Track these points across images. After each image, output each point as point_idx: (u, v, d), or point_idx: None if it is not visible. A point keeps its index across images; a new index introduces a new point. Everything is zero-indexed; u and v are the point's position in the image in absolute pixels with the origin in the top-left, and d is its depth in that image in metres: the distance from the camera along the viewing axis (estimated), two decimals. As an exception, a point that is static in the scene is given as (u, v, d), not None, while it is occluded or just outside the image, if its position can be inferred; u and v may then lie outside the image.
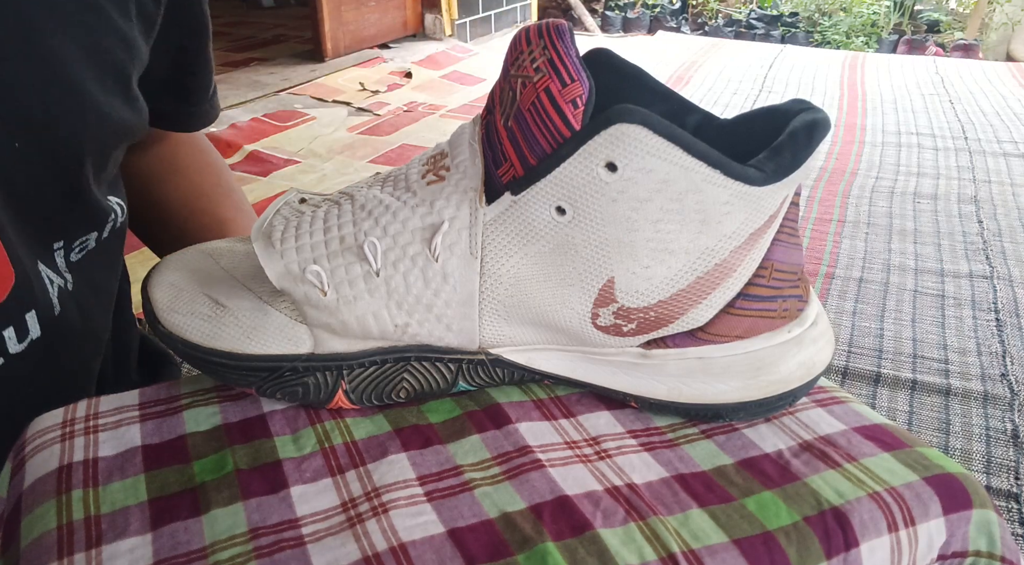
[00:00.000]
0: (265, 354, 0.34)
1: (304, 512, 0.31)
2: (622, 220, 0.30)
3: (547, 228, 0.31)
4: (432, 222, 0.32)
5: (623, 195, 0.29)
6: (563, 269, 0.32)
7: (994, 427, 1.07)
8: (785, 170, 0.29)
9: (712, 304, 0.32)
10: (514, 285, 0.32)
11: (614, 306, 0.32)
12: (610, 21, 4.49)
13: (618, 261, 0.31)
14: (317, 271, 0.33)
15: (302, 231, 0.34)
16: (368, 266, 0.33)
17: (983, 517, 0.33)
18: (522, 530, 0.30)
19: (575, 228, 0.30)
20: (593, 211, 0.30)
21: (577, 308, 0.32)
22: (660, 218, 0.30)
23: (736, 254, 0.31)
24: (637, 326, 0.32)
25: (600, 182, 0.29)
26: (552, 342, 0.35)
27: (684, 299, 0.32)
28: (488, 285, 0.33)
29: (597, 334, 0.33)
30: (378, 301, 0.33)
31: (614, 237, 0.30)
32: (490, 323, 0.34)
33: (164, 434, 0.35)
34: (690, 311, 0.32)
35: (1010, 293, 1.43)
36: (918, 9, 4.30)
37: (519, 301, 0.33)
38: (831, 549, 0.30)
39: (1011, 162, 2.18)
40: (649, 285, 0.31)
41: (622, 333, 0.33)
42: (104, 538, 0.29)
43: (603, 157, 0.29)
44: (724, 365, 0.33)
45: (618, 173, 0.29)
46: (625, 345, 0.34)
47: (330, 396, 0.35)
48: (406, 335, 0.34)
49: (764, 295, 0.32)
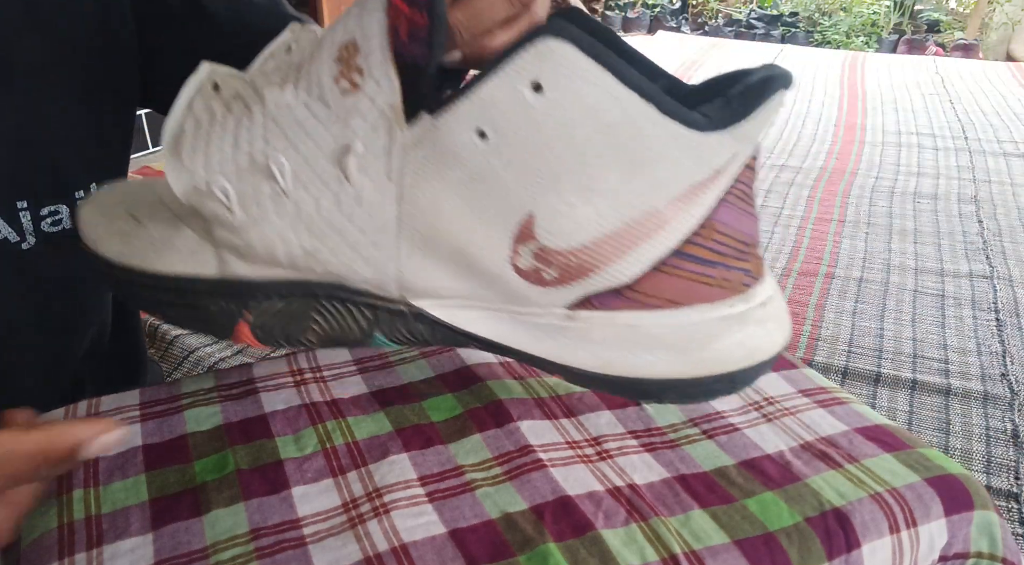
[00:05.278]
0: (170, 273, 0.32)
1: (305, 512, 0.31)
2: (545, 148, 0.27)
3: (468, 153, 0.28)
4: (346, 142, 0.30)
5: (548, 119, 0.27)
6: (484, 200, 0.29)
7: (994, 427, 1.07)
8: (732, 118, 0.27)
9: (641, 258, 0.29)
10: (433, 215, 0.30)
11: (534, 245, 0.29)
12: (610, 21, 4.49)
13: (540, 195, 0.28)
14: (225, 187, 0.31)
15: (212, 143, 0.31)
16: (277, 186, 0.31)
17: (984, 518, 0.33)
18: (523, 531, 0.30)
19: (496, 155, 0.28)
20: (516, 136, 0.27)
21: (497, 245, 0.30)
22: (587, 150, 0.27)
23: (672, 206, 0.28)
24: (559, 274, 0.29)
25: (524, 104, 0.27)
26: (477, 297, 0.32)
27: (609, 247, 0.29)
28: (406, 212, 0.30)
29: (518, 281, 0.30)
30: (286, 223, 0.31)
31: (536, 167, 0.28)
32: (409, 257, 0.31)
33: (165, 434, 0.35)
34: (616, 262, 0.29)
35: (1010, 293, 1.43)
36: (918, 9, 4.30)
37: (438, 233, 0.30)
38: (832, 550, 0.30)
39: (1011, 162, 2.18)
40: (572, 225, 0.28)
41: (544, 282, 0.30)
42: (105, 538, 0.29)
43: (529, 76, 0.26)
44: (655, 335, 0.30)
45: (544, 95, 0.26)
46: (550, 304, 0.31)
47: (232, 328, 0.33)
48: (317, 264, 0.31)
49: (702, 257, 0.29)
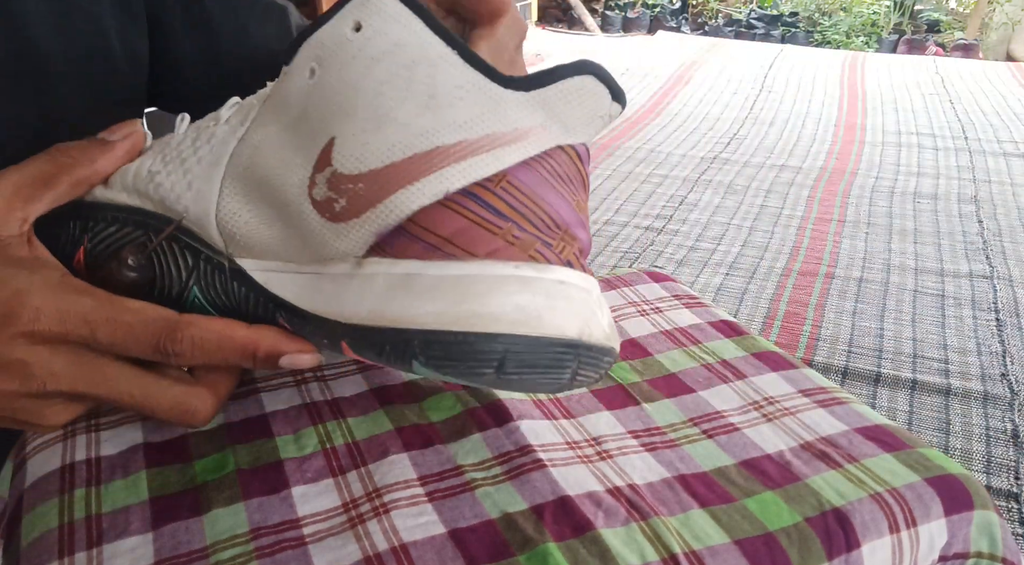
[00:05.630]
0: None
1: (305, 512, 0.31)
2: (353, 80, 0.30)
3: (299, 94, 0.32)
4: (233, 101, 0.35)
5: (360, 53, 0.30)
6: (298, 132, 0.32)
7: (994, 427, 1.07)
8: (532, 82, 0.30)
9: (425, 189, 0.29)
10: (256, 150, 0.32)
11: (329, 171, 0.30)
12: (610, 21, 4.49)
13: (340, 122, 0.30)
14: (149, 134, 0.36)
15: None
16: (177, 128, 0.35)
17: (984, 518, 0.33)
18: (523, 530, 0.30)
19: (316, 89, 0.31)
20: (333, 70, 0.31)
21: (299, 172, 0.31)
22: (386, 81, 0.30)
23: (463, 147, 0.29)
24: (348, 204, 0.30)
25: (344, 40, 0.31)
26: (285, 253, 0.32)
27: (395, 175, 0.29)
28: (238, 150, 0.33)
29: (314, 216, 0.31)
30: (150, 156, 0.34)
31: (343, 96, 0.30)
32: (229, 194, 0.33)
33: (165, 433, 0.35)
34: (400, 192, 0.29)
35: (1010, 293, 1.43)
36: (918, 9, 4.30)
37: (254, 165, 0.32)
38: (832, 550, 0.30)
39: (1011, 162, 2.18)
40: (364, 150, 0.30)
41: (335, 214, 0.30)
42: (105, 537, 0.29)
43: (353, 17, 0.30)
44: (431, 284, 0.29)
45: (361, 33, 0.30)
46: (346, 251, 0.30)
47: (73, 251, 0.34)
48: (154, 189, 0.33)
49: (489, 202, 0.29)
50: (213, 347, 0.30)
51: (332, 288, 0.31)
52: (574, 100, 0.30)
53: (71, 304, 0.29)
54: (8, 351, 0.29)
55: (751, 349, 0.43)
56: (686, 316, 0.46)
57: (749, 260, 1.54)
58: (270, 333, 0.31)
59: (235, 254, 0.33)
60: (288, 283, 0.32)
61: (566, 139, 0.31)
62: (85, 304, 0.29)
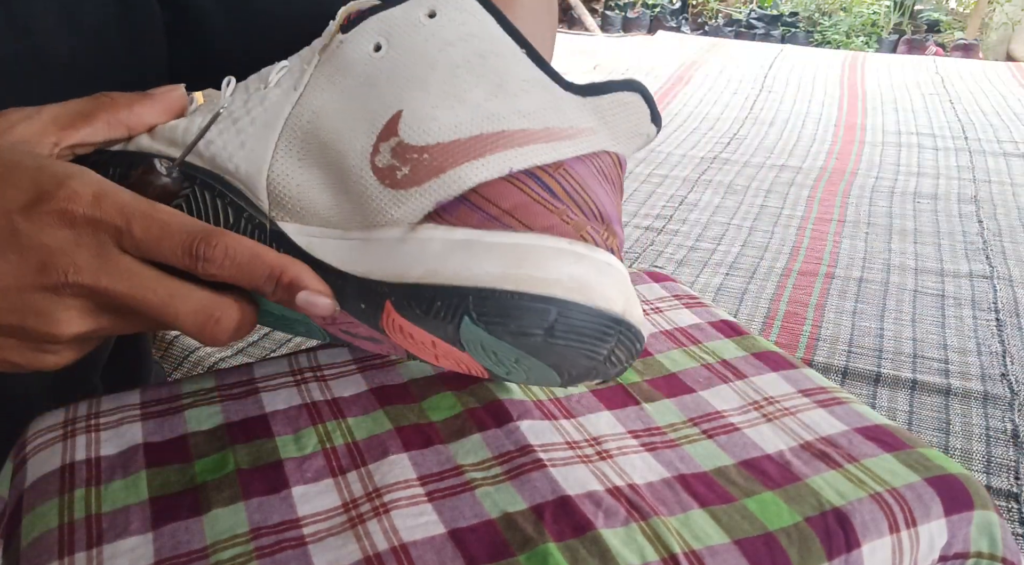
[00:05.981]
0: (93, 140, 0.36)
1: (305, 512, 0.31)
2: (425, 57, 0.33)
3: (361, 64, 0.33)
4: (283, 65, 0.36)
5: (434, 36, 0.33)
6: (363, 101, 0.33)
7: (994, 427, 1.07)
8: (588, 90, 0.33)
9: (489, 165, 0.31)
10: (316, 115, 0.33)
11: (394, 140, 0.32)
12: (610, 21, 4.48)
13: (410, 96, 0.32)
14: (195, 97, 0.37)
15: None
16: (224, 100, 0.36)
17: (984, 518, 0.33)
18: (523, 530, 0.30)
19: (384, 61, 0.33)
20: (403, 47, 0.33)
21: (362, 140, 0.33)
22: (460, 65, 0.32)
23: (526, 134, 0.31)
24: (411, 172, 0.31)
25: (418, 23, 0.33)
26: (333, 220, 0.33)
27: (461, 150, 0.31)
28: (295, 113, 0.34)
29: (371, 181, 0.32)
30: (200, 115, 0.35)
31: (414, 73, 0.32)
32: (284, 155, 0.33)
33: (165, 433, 0.35)
34: (465, 165, 0.31)
35: (1010, 293, 1.43)
36: (918, 9, 4.30)
37: (315, 129, 0.33)
38: (832, 549, 0.30)
39: (1011, 162, 2.18)
40: (432, 125, 0.32)
41: (396, 181, 0.31)
42: (105, 537, 0.29)
43: (428, 5, 0.33)
44: (489, 248, 0.30)
45: (435, 19, 0.33)
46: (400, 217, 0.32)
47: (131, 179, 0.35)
48: (205, 147, 0.34)
49: (548, 185, 0.31)
50: (244, 260, 0.30)
51: (381, 252, 0.32)
52: (621, 113, 0.33)
53: (110, 192, 0.29)
54: (35, 230, 0.27)
55: (751, 349, 0.43)
56: (686, 316, 0.46)
57: (749, 260, 1.54)
58: (299, 264, 0.31)
59: (277, 218, 0.33)
60: (332, 248, 0.33)
61: (612, 146, 0.33)
62: (124, 196, 0.29)
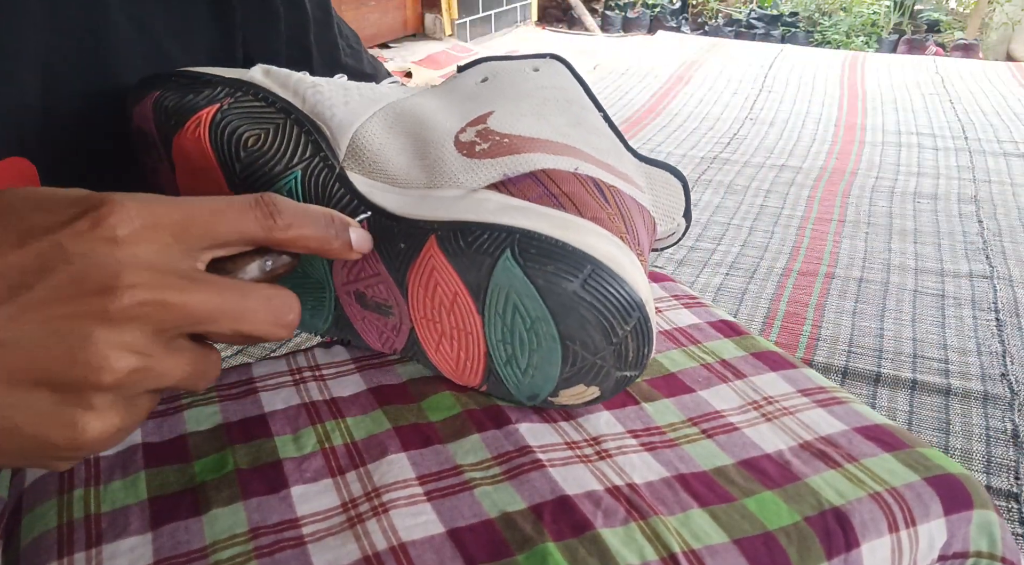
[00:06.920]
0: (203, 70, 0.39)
1: (304, 512, 0.31)
2: (522, 89, 0.40)
3: (468, 88, 0.41)
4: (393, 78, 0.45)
5: (532, 81, 0.41)
6: (461, 105, 0.39)
7: (994, 427, 1.07)
8: (644, 159, 0.40)
9: (560, 161, 0.35)
10: (418, 105, 0.39)
11: (481, 126, 0.37)
12: (610, 21, 4.48)
13: (502, 104, 0.38)
14: None
15: None
16: None
17: (984, 518, 0.33)
18: (522, 530, 0.30)
19: (486, 87, 0.40)
20: (505, 81, 0.41)
21: (453, 122, 0.37)
22: (549, 100, 0.39)
23: (593, 159, 0.36)
24: (489, 147, 0.35)
25: (523, 72, 0.41)
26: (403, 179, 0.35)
27: (539, 144, 0.36)
28: (400, 100, 0.39)
29: (452, 151, 0.35)
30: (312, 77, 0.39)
31: (509, 95, 0.39)
32: (377, 121, 0.37)
33: (165, 433, 0.35)
34: (541, 153, 0.35)
35: (1010, 293, 1.43)
36: (918, 9, 4.30)
37: (412, 109, 0.38)
38: (832, 549, 0.30)
39: (1011, 162, 2.18)
40: (518, 124, 0.37)
41: (473, 153, 0.35)
42: (104, 537, 0.29)
43: (533, 64, 0.42)
44: (541, 214, 0.32)
45: (537, 73, 0.42)
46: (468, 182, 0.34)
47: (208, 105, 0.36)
48: (311, 90, 0.38)
49: (604, 193, 0.34)
50: (302, 210, 0.29)
51: (437, 202, 0.34)
52: (663, 189, 0.40)
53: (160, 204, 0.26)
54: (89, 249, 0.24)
55: (751, 349, 0.43)
56: (686, 316, 0.46)
57: (749, 260, 1.54)
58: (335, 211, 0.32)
59: (347, 167, 0.36)
60: (390, 198, 0.35)
61: (652, 211, 0.38)
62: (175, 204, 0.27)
